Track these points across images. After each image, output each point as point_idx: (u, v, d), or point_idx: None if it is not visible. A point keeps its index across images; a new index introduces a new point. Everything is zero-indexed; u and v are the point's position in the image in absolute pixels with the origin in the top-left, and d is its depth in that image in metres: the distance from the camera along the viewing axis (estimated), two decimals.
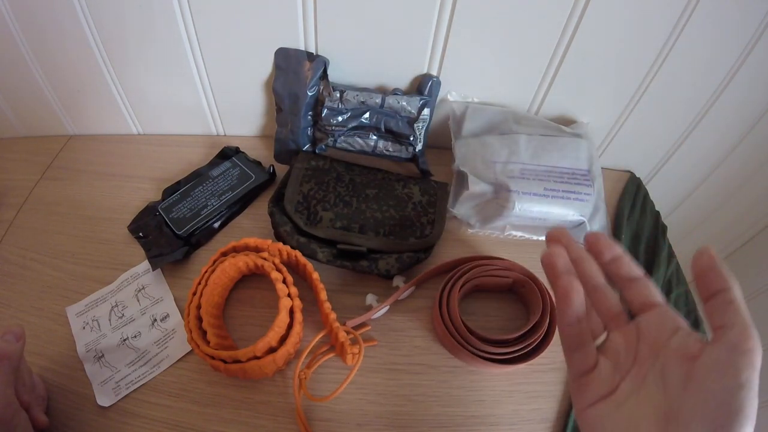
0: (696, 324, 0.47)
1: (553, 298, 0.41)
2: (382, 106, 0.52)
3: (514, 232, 0.53)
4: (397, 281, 0.47)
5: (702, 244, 0.25)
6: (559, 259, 0.28)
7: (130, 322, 0.45)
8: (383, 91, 0.54)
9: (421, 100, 0.53)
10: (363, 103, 0.52)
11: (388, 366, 0.43)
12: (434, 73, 0.53)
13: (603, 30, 0.47)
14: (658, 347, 0.26)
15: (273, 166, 0.57)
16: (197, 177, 0.55)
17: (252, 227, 0.53)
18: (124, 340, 0.43)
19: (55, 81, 0.56)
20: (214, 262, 0.44)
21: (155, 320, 0.45)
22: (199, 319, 0.41)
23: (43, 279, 0.48)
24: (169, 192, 0.54)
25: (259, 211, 0.54)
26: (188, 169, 0.57)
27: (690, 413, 0.23)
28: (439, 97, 0.55)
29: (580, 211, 0.50)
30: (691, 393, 0.23)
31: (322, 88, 0.52)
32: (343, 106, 0.52)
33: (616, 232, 0.53)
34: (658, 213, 0.57)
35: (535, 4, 0.46)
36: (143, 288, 0.47)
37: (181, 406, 0.40)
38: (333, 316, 0.41)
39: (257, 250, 0.45)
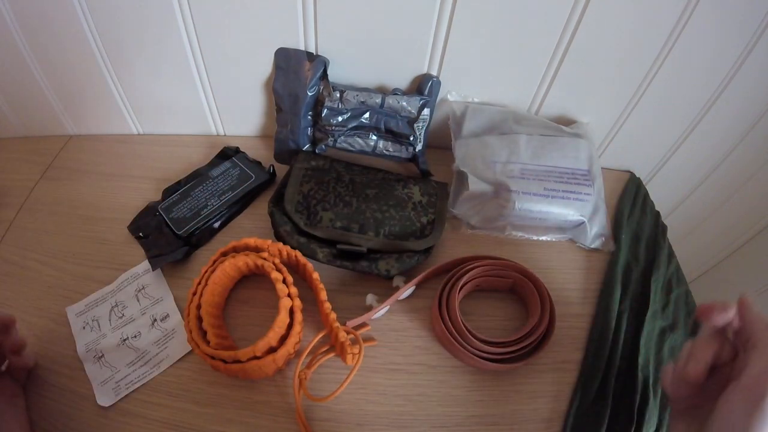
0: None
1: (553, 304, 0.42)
2: (382, 106, 0.52)
3: (514, 232, 0.53)
4: (397, 281, 0.47)
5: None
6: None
7: (130, 322, 0.45)
8: (383, 91, 0.54)
9: (421, 100, 0.53)
10: (363, 103, 0.52)
11: (388, 366, 0.43)
12: (434, 73, 0.53)
13: (603, 30, 0.47)
14: None
15: (273, 166, 0.57)
16: (197, 177, 0.55)
17: (252, 227, 0.53)
18: (124, 340, 0.43)
19: (55, 81, 0.56)
20: (214, 262, 0.44)
21: (155, 320, 0.45)
22: (199, 319, 0.41)
23: (43, 279, 0.48)
24: (169, 192, 0.54)
25: (259, 211, 0.54)
26: (188, 169, 0.57)
27: None
28: (439, 97, 0.55)
29: (580, 211, 0.50)
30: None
31: (322, 88, 0.52)
32: (343, 106, 0.52)
33: (616, 232, 0.53)
34: (658, 213, 0.57)
35: (535, 4, 0.46)
36: (143, 288, 0.47)
37: (181, 406, 0.40)
38: (333, 316, 0.41)
39: (257, 250, 0.45)
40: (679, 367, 0.34)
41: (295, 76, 0.52)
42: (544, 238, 0.53)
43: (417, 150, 0.55)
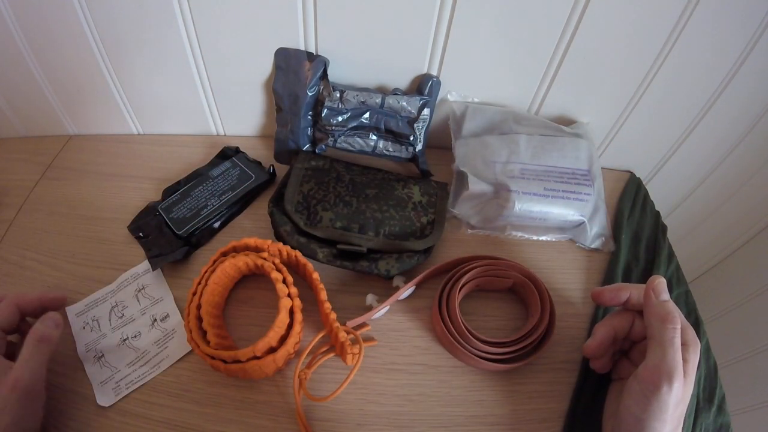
0: (697, 324, 0.47)
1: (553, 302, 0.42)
2: (382, 106, 0.52)
3: (514, 232, 0.53)
4: (397, 281, 0.47)
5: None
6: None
7: (130, 322, 0.45)
8: (383, 91, 0.54)
9: (421, 100, 0.53)
10: (363, 103, 0.52)
11: (388, 366, 0.43)
12: (434, 73, 0.53)
13: (603, 30, 0.47)
14: None
15: (273, 166, 0.57)
16: (197, 177, 0.55)
17: (252, 227, 0.53)
18: (124, 340, 0.43)
19: (55, 81, 0.56)
20: (214, 262, 0.44)
21: (155, 320, 0.45)
22: (199, 319, 0.41)
23: (43, 279, 0.48)
24: (169, 192, 0.54)
25: (259, 211, 0.54)
26: (188, 169, 0.57)
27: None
28: (439, 97, 0.55)
29: (580, 211, 0.50)
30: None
31: (322, 88, 0.52)
32: (343, 106, 0.52)
33: (616, 232, 0.53)
34: (658, 213, 0.57)
35: (536, 5, 0.46)
36: (143, 288, 0.47)
37: (181, 406, 0.40)
38: (333, 316, 0.41)
39: (257, 250, 0.45)
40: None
41: (295, 76, 0.52)
42: (544, 238, 0.53)
43: (417, 150, 0.55)
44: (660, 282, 0.36)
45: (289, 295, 0.41)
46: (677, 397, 0.31)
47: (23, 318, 0.40)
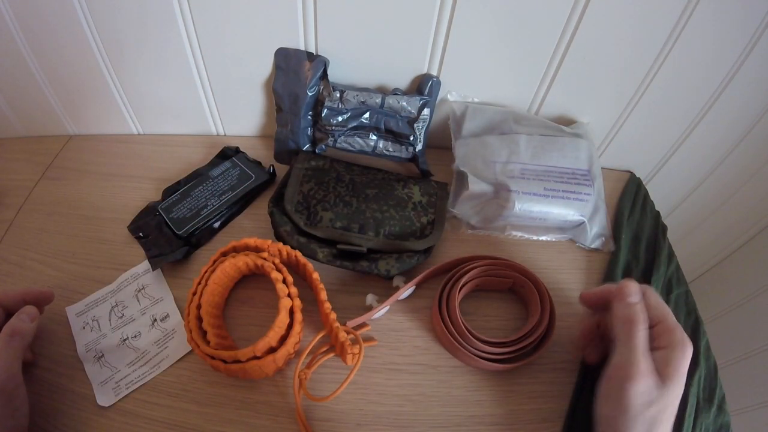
0: (697, 324, 0.47)
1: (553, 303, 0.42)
2: (382, 106, 0.52)
3: (514, 232, 0.53)
4: (397, 281, 0.47)
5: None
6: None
7: (130, 322, 0.45)
8: (383, 91, 0.54)
9: (421, 100, 0.53)
10: (363, 103, 0.52)
11: (388, 366, 0.43)
12: (434, 73, 0.53)
13: (603, 30, 0.47)
14: None
15: (273, 166, 0.57)
16: (197, 177, 0.55)
17: (252, 227, 0.53)
18: (124, 340, 0.43)
19: (55, 81, 0.56)
20: (214, 262, 0.44)
21: (155, 320, 0.45)
22: (199, 319, 0.41)
23: (43, 279, 0.48)
24: (169, 192, 0.54)
25: (259, 211, 0.54)
26: (188, 169, 0.57)
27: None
28: (439, 97, 0.55)
29: (580, 211, 0.50)
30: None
31: (322, 88, 0.52)
32: (343, 106, 0.52)
33: (616, 232, 0.53)
34: (658, 213, 0.57)
35: (536, 5, 0.46)
36: (143, 288, 0.47)
37: (181, 406, 0.40)
38: (333, 316, 0.41)
39: (257, 250, 0.45)
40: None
41: (295, 76, 0.52)
42: (544, 238, 0.53)
43: (417, 150, 0.55)
44: (627, 286, 0.36)
45: (289, 295, 0.41)
46: (645, 397, 0.31)
47: (8, 315, 0.38)
